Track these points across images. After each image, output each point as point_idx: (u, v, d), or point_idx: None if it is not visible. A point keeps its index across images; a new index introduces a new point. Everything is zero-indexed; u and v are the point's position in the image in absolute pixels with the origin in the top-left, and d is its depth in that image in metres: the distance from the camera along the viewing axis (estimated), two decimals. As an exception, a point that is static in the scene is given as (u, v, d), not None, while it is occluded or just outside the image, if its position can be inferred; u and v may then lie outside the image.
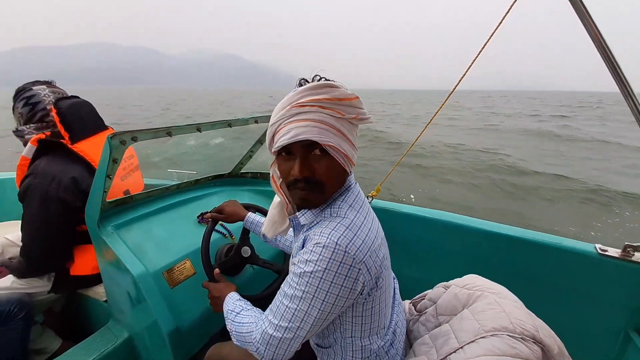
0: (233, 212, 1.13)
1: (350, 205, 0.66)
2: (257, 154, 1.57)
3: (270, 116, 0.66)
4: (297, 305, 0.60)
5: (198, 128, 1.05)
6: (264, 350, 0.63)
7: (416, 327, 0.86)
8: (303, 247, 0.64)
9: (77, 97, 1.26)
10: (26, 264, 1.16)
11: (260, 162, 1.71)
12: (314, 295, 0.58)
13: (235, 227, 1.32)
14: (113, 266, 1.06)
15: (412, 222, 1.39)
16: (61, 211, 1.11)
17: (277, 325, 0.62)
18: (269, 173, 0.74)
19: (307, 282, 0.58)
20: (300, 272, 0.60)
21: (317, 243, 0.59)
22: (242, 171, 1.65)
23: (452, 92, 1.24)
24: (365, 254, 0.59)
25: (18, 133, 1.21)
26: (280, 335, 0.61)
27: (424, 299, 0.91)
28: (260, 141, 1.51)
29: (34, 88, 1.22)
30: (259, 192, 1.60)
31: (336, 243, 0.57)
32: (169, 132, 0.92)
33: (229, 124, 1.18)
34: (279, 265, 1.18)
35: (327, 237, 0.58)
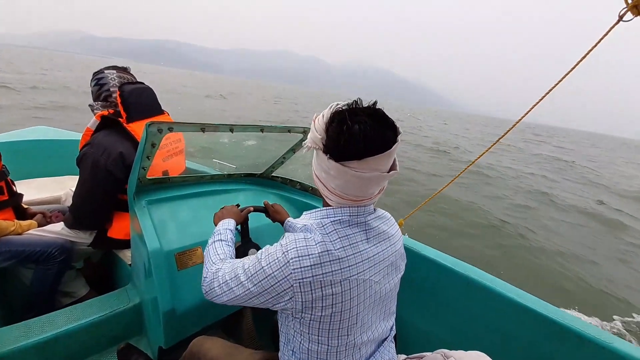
0: (281, 211, 1.22)
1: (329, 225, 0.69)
2: (289, 162, 1.61)
3: (304, 128, 0.77)
4: (244, 279, 0.68)
5: (231, 129, 1.12)
6: (206, 285, 0.76)
7: None
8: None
9: (142, 83, 1.44)
10: (72, 217, 1.35)
11: (290, 169, 1.73)
12: (255, 273, 0.66)
13: (254, 227, 1.35)
14: (138, 236, 1.17)
15: (432, 268, 1.25)
16: (106, 179, 1.27)
17: (224, 279, 0.72)
18: (298, 181, 0.82)
19: (254, 265, 0.67)
20: (258, 255, 0.69)
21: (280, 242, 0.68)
22: (273, 174, 1.70)
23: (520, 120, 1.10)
24: (306, 276, 0.61)
25: (90, 107, 1.43)
26: (219, 283, 0.73)
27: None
28: (293, 150, 1.55)
29: (105, 72, 1.44)
30: (284, 198, 1.63)
31: (287, 245, 0.65)
32: (202, 128, 1.00)
33: (261, 129, 1.23)
34: None
35: (287, 241, 0.66)
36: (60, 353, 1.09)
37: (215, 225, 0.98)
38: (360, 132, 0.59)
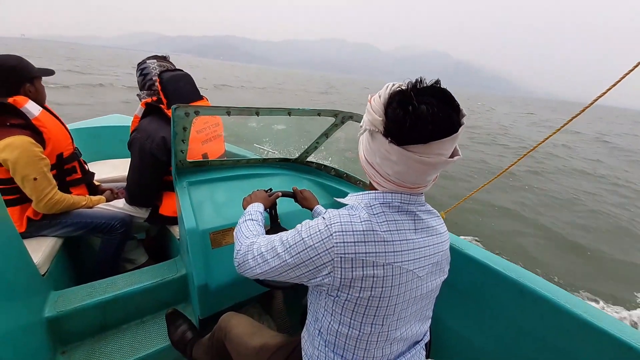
0: (309, 197, 1.22)
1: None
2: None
3: (335, 111, 0.74)
4: (282, 250, 0.66)
5: (257, 112, 1.11)
6: (241, 255, 0.75)
7: None
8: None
9: (180, 70, 1.51)
10: (128, 195, 1.52)
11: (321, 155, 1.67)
12: (293, 245, 0.64)
13: (283, 213, 1.37)
14: (180, 214, 1.27)
15: (478, 271, 1.10)
16: (152, 162, 1.39)
17: (260, 251, 0.71)
18: (332, 167, 0.78)
19: (294, 236, 0.66)
20: (298, 227, 0.67)
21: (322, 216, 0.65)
22: (307, 160, 1.69)
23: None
24: (348, 252, 0.59)
25: (138, 97, 1.56)
26: (255, 255, 0.71)
27: None
28: (326, 134, 1.50)
29: (147, 62, 1.54)
30: (318, 184, 1.61)
31: (330, 219, 0.62)
32: (228, 111, 1.01)
33: (289, 112, 1.21)
34: None
35: (330, 215, 0.63)
36: (118, 312, 1.25)
37: (244, 209, 1.00)
38: (428, 113, 0.54)
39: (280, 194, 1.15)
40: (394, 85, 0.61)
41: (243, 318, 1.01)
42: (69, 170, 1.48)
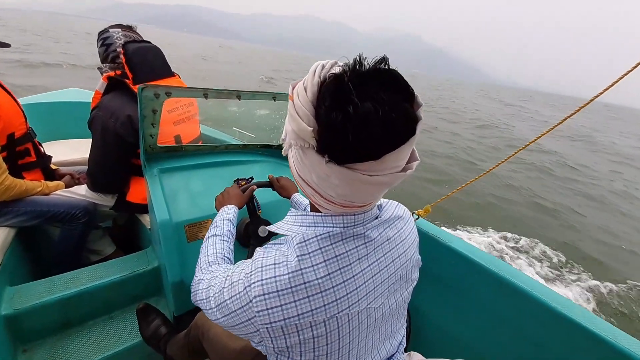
0: (287, 185, 1.11)
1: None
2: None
3: None
4: (214, 305, 0.55)
5: (238, 95, 1.02)
6: (192, 290, 0.66)
7: None
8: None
9: (148, 42, 1.35)
10: (90, 181, 1.38)
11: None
12: (224, 304, 0.52)
13: (266, 202, 1.30)
14: (151, 205, 1.17)
15: (459, 262, 1.10)
16: (117, 143, 1.26)
17: (202, 296, 0.60)
18: None
19: (220, 291, 0.54)
20: (226, 276, 0.55)
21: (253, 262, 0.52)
22: None
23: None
24: (275, 319, 0.46)
25: (98, 70, 1.38)
26: (203, 297, 0.60)
27: None
28: None
29: (110, 30, 1.36)
30: (301, 172, 1.55)
31: (251, 272, 0.49)
32: (205, 93, 0.91)
33: (273, 97, 1.12)
34: None
35: (254, 260, 0.51)
36: (82, 309, 1.16)
37: (217, 211, 0.90)
38: (377, 114, 0.37)
39: (255, 187, 1.08)
40: (323, 67, 0.42)
41: None
42: (22, 153, 1.31)
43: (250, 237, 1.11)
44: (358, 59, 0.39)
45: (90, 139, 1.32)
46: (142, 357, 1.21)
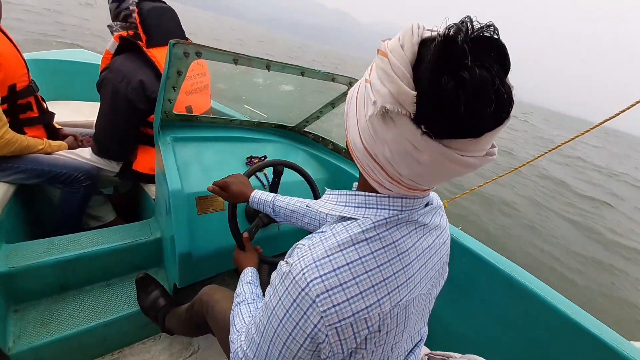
0: (239, 193, 0.91)
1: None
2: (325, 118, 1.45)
3: (350, 78, 0.52)
4: (260, 341, 0.47)
5: (267, 65, 0.97)
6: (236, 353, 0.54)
7: None
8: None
9: (163, 2, 1.28)
10: (96, 145, 1.32)
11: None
12: (271, 338, 0.45)
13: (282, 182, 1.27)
14: (161, 173, 1.13)
15: (470, 261, 1.10)
16: (127, 108, 1.19)
17: (244, 352, 0.51)
18: (331, 141, 0.59)
19: (268, 318, 0.45)
20: (266, 300, 0.47)
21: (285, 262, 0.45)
22: (305, 129, 1.57)
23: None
24: (344, 316, 0.41)
25: (109, 28, 1.31)
26: (251, 357, 0.49)
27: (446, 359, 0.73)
28: (333, 104, 1.38)
29: None
30: (313, 156, 1.51)
31: (302, 271, 0.41)
32: (235, 58, 0.86)
33: (302, 71, 1.07)
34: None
35: (298, 258, 0.43)
36: (80, 273, 1.12)
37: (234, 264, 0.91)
38: (493, 86, 0.32)
39: (249, 235, 0.97)
40: (419, 26, 0.36)
41: (228, 292, 0.93)
42: (23, 107, 1.24)
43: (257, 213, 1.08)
44: (469, 19, 0.33)
45: (95, 103, 1.25)
46: (137, 327, 1.18)
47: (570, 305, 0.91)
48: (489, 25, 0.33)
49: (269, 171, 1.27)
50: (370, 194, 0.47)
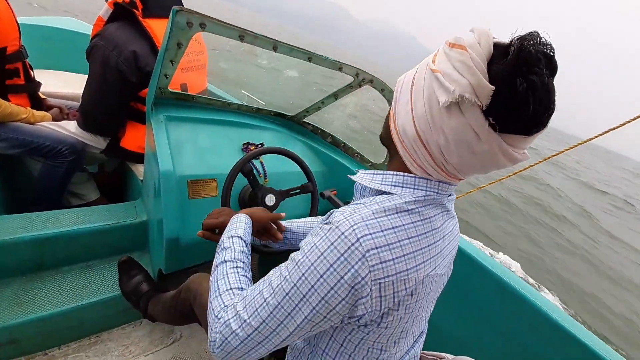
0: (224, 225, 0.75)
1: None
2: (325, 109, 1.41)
3: (356, 69, 0.55)
4: (279, 302, 0.45)
5: (275, 46, 0.92)
6: (218, 346, 0.47)
7: None
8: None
9: None
10: (82, 118, 1.24)
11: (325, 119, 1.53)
12: (304, 295, 0.44)
13: (272, 172, 1.23)
14: (151, 153, 1.07)
15: (465, 264, 1.09)
16: (117, 80, 1.13)
17: (245, 321, 0.46)
18: (330, 133, 0.61)
19: (302, 275, 0.44)
20: (298, 259, 0.46)
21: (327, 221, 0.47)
22: (304, 120, 1.53)
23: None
24: (388, 274, 0.44)
25: None
26: (245, 336, 0.46)
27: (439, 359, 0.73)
28: (336, 95, 1.34)
29: None
30: (311, 148, 1.47)
31: (352, 227, 0.43)
32: (242, 34, 0.81)
33: (309, 57, 1.03)
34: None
35: (344, 217, 0.45)
36: (59, 253, 1.06)
37: (214, 239, 0.74)
38: (553, 94, 0.39)
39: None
40: (486, 34, 0.41)
41: None
42: (10, 72, 1.16)
43: (254, 204, 1.04)
44: (537, 34, 0.39)
45: (85, 75, 1.17)
46: (116, 312, 1.13)
47: (560, 313, 0.93)
48: (549, 44, 0.40)
49: (266, 160, 1.23)
50: (409, 174, 0.51)
